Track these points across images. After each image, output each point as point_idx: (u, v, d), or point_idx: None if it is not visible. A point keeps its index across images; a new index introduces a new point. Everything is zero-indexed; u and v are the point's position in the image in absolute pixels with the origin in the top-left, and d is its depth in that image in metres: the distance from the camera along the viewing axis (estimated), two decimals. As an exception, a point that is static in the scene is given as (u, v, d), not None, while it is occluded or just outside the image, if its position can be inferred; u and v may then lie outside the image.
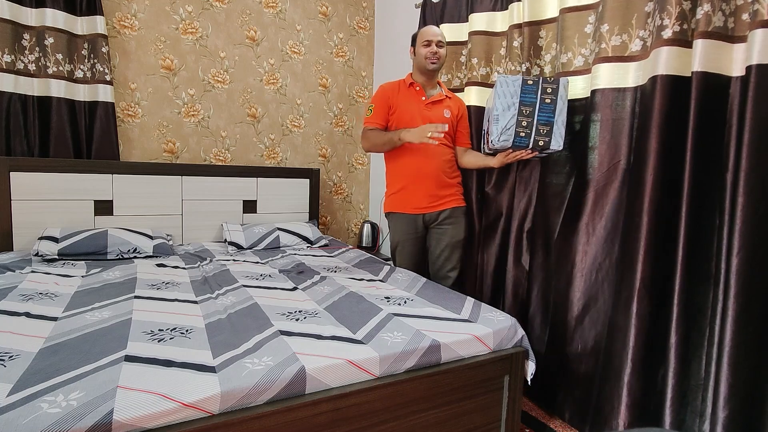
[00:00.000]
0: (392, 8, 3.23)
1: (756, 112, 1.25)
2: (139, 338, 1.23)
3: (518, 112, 1.75)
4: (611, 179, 1.67)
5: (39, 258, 2.08)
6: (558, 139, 1.72)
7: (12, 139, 2.30)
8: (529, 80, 1.76)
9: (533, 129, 1.73)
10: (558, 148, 1.73)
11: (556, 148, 1.73)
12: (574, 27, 1.80)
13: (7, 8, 2.22)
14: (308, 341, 1.26)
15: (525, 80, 1.76)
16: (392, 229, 2.22)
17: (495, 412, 1.44)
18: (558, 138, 1.72)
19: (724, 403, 1.30)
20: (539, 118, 1.71)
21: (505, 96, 1.78)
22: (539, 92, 1.73)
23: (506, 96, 1.78)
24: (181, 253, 2.39)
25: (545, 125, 1.70)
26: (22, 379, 0.99)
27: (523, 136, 1.74)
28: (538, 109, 1.72)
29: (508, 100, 1.77)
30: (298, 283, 1.87)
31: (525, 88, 1.75)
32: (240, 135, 2.99)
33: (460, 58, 2.41)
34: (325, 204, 3.39)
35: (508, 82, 1.78)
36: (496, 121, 1.79)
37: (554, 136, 1.70)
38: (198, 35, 2.80)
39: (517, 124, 1.75)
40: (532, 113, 1.72)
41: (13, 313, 1.38)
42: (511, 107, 1.76)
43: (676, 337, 1.42)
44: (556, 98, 1.71)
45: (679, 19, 1.41)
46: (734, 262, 1.27)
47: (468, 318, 1.51)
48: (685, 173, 1.41)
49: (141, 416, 0.91)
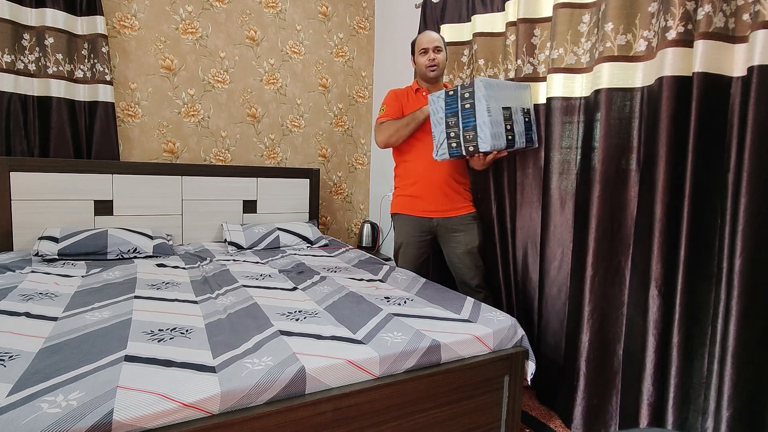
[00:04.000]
0: (392, 8, 3.23)
1: (758, 113, 1.25)
2: (139, 338, 1.23)
3: (445, 125, 1.78)
4: (618, 179, 1.66)
5: (39, 258, 2.08)
6: (486, 139, 1.68)
7: (12, 139, 2.30)
8: (450, 91, 1.79)
9: (461, 137, 1.74)
10: (488, 148, 1.69)
11: (486, 149, 1.69)
12: (568, 24, 1.80)
13: (7, 8, 2.22)
14: (308, 341, 1.25)
15: (447, 92, 1.79)
16: (397, 230, 2.21)
17: (495, 412, 1.44)
18: (486, 139, 1.68)
19: (728, 401, 1.30)
20: (464, 125, 1.72)
21: (435, 113, 1.83)
22: (459, 100, 1.74)
23: (436, 113, 1.82)
24: (181, 253, 2.39)
25: (470, 131, 1.70)
26: (22, 379, 0.99)
27: (455, 146, 1.76)
28: (461, 117, 1.73)
29: (437, 117, 1.82)
30: (298, 283, 1.87)
31: (448, 101, 1.78)
32: (240, 135, 2.99)
33: (461, 59, 2.41)
34: (325, 204, 3.39)
35: (434, 99, 1.84)
36: (434, 138, 1.85)
37: (479, 139, 1.68)
38: (198, 35, 2.80)
39: (447, 138, 1.78)
40: (457, 123, 1.74)
41: (13, 313, 1.38)
42: (440, 122, 1.80)
43: (679, 336, 1.42)
44: (474, 101, 1.70)
45: (683, 20, 1.41)
46: (737, 262, 1.27)
47: (468, 318, 1.51)
48: (687, 173, 1.41)
49: (141, 416, 0.91)
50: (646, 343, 1.50)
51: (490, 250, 2.22)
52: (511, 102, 1.76)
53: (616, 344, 1.68)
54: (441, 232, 2.12)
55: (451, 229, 2.09)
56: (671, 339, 1.44)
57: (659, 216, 1.47)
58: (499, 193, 2.19)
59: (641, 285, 1.54)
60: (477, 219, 2.13)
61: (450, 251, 2.13)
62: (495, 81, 1.74)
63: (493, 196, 2.21)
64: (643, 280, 1.53)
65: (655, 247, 1.48)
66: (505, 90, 1.75)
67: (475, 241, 2.09)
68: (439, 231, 2.12)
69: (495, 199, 2.21)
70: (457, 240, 2.09)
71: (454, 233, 2.09)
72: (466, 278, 2.10)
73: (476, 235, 2.10)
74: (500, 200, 2.19)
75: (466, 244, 2.08)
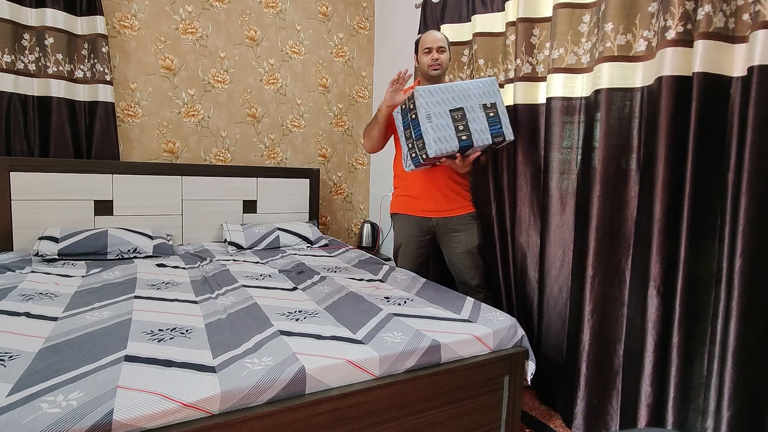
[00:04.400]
0: (392, 8, 3.23)
1: (758, 113, 1.24)
2: (139, 338, 1.23)
3: (405, 137, 1.83)
4: (618, 179, 1.66)
5: (39, 258, 2.08)
6: (430, 145, 1.70)
7: (12, 139, 2.30)
8: (402, 105, 1.83)
9: (416, 147, 1.77)
10: (434, 154, 1.70)
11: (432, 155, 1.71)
12: (568, 24, 1.80)
13: (7, 8, 2.22)
14: (308, 341, 1.25)
15: (401, 106, 1.84)
16: (397, 230, 2.21)
17: (495, 412, 1.44)
18: (430, 144, 1.70)
19: (728, 401, 1.30)
20: (415, 134, 1.76)
21: (398, 127, 1.87)
22: (408, 112, 1.78)
23: (398, 127, 1.87)
24: (181, 253, 2.39)
25: (419, 139, 1.73)
26: (22, 379, 0.99)
27: (415, 156, 1.79)
28: (412, 128, 1.77)
29: (399, 131, 1.87)
30: (298, 283, 1.87)
31: (402, 114, 1.82)
32: (240, 135, 2.99)
33: (461, 59, 2.41)
34: (325, 204, 3.39)
35: (394, 114, 1.89)
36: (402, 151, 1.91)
37: (427, 145, 1.70)
38: (198, 35, 2.80)
39: (408, 149, 1.82)
40: (411, 134, 1.78)
41: (13, 313, 1.38)
42: (402, 135, 1.85)
43: (678, 336, 1.42)
44: (416, 110, 1.73)
45: (683, 20, 1.41)
46: (738, 262, 1.27)
47: (468, 318, 1.51)
48: (687, 173, 1.41)
49: (141, 416, 0.91)
50: (646, 343, 1.50)
51: (490, 250, 2.22)
52: (464, 102, 1.75)
53: (616, 344, 1.68)
54: (440, 232, 2.12)
55: (451, 229, 2.09)
56: (671, 339, 1.44)
57: (659, 216, 1.47)
58: (499, 193, 2.19)
59: (641, 285, 1.54)
60: (477, 219, 2.12)
61: (450, 251, 2.13)
62: (438, 86, 1.75)
63: (493, 196, 2.21)
64: (643, 280, 1.53)
65: (655, 247, 1.48)
66: (452, 92, 1.75)
67: (474, 241, 2.08)
68: (438, 231, 2.12)
69: (495, 199, 2.21)
70: (457, 240, 2.09)
71: (454, 233, 2.09)
72: (466, 278, 2.10)
73: (476, 235, 2.09)
74: (500, 200, 2.19)
75: (466, 244, 2.08)
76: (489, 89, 1.78)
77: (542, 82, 1.98)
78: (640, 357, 1.52)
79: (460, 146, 1.71)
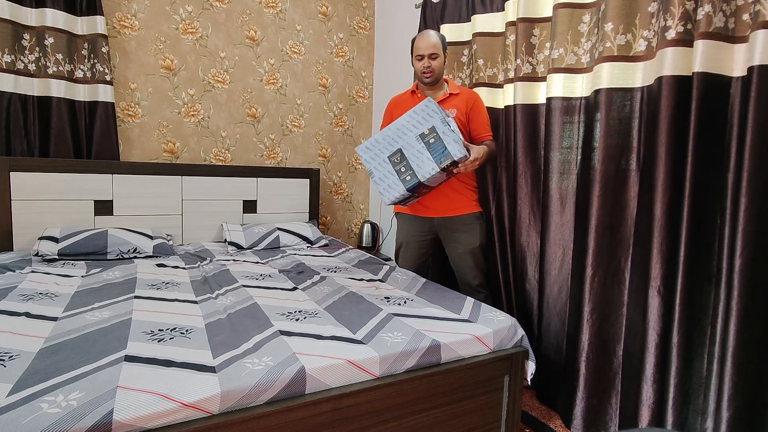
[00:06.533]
0: (392, 8, 3.23)
1: (758, 113, 1.24)
2: (139, 338, 1.23)
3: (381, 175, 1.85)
4: (618, 179, 1.66)
5: (39, 258, 2.08)
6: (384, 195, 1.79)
7: (12, 139, 2.30)
8: None
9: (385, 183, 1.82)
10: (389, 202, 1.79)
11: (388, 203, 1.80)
12: (568, 24, 1.80)
13: (7, 8, 2.22)
14: (308, 341, 1.25)
15: None
16: (398, 230, 2.22)
17: (495, 412, 1.44)
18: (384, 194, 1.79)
19: (728, 401, 1.30)
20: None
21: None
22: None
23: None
24: (181, 253, 2.39)
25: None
26: (22, 379, 0.99)
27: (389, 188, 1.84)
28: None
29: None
30: (298, 283, 1.87)
31: None
32: (240, 135, 2.99)
33: (461, 59, 2.41)
34: (325, 204, 3.39)
35: None
36: None
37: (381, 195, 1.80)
38: (198, 35, 2.80)
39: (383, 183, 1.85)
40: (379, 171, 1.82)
41: (13, 313, 1.38)
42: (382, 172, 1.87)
43: (678, 336, 1.42)
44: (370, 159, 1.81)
45: (683, 20, 1.41)
46: (738, 262, 1.27)
47: (468, 318, 1.51)
48: (687, 173, 1.41)
49: (141, 416, 0.91)
50: (645, 343, 1.50)
51: (490, 250, 2.22)
52: (401, 141, 1.74)
53: (616, 344, 1.68)
54: (442, 232, 2.12)
55: (452, 228, 2.09)
56: (671, 339, 1.44)
57: (659, 216, 1.47)
58: (499, 194, 2.19)
59: (641, 285, 1.54)
60: (480, 219, 2.11)
61: (452, 251, 2.13)
62: (375, 137, 1.79)
63: (493, 196, 2.22)
64: (642, 280, 1.53)
65: (655, 247, 1.48)
66: (389, 136, 1.76)
67: (476, 241, 2.08)
68: (440, 231, 2.12)
69: (494, 199, 2.21)
70: (458, 240, 2.09)
71: (455, 233, 2.09)
72: (468, 278, 2.10)
73: (478, 235, 2.09)
74: (500, 200, 2.19)
75: (467, 244, 2.07)
76: (425, 113, 1.72)
77: (542, 82, 1.98)
78: (639, 357, 1.52)
79: (406, 188, 1.75)
